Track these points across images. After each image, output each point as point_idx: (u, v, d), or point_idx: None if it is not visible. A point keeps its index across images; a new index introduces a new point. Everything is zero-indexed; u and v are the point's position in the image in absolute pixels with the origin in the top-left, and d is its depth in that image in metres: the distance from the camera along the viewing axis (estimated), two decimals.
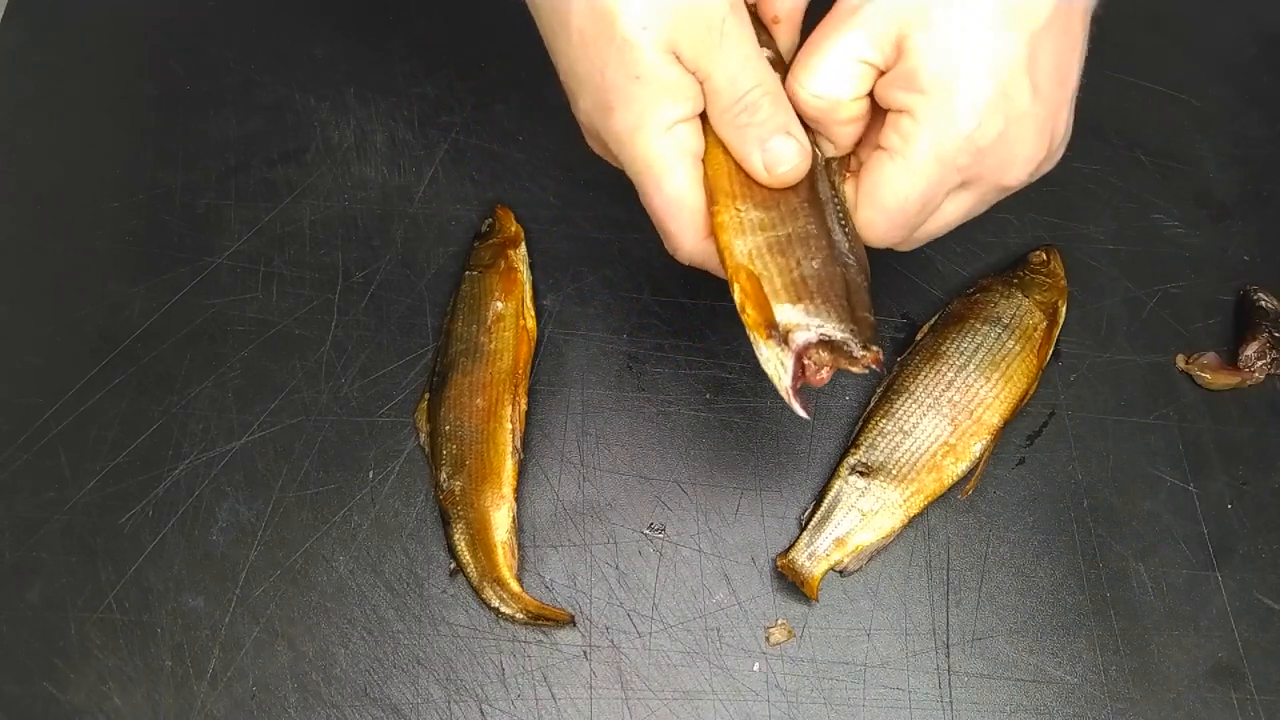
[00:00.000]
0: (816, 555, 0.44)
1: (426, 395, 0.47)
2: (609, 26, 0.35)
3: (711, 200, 0.37)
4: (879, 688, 0.43)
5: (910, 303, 0.50)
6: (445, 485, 0.45)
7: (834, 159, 0.39)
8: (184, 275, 0.51)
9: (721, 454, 0.47)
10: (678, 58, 0.36)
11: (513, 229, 0.51)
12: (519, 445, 0.45)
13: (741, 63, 0.36)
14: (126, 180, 0.53)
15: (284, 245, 0.51)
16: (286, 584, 0.44)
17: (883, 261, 0.52)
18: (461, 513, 0.44)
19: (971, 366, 0.46)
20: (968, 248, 0.51)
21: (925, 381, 0.46)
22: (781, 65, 0.39)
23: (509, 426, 0.45)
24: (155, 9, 0.58)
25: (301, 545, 0.45)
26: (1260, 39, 0.57)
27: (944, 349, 0.47)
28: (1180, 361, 0.49)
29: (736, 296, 0.37)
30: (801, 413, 0.36)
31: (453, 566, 0.44)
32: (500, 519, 0.44)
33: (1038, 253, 0.50)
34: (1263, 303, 0.49)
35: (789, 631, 0.44)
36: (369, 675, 0.43)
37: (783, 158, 0.37)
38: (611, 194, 0.53)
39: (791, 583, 0.44)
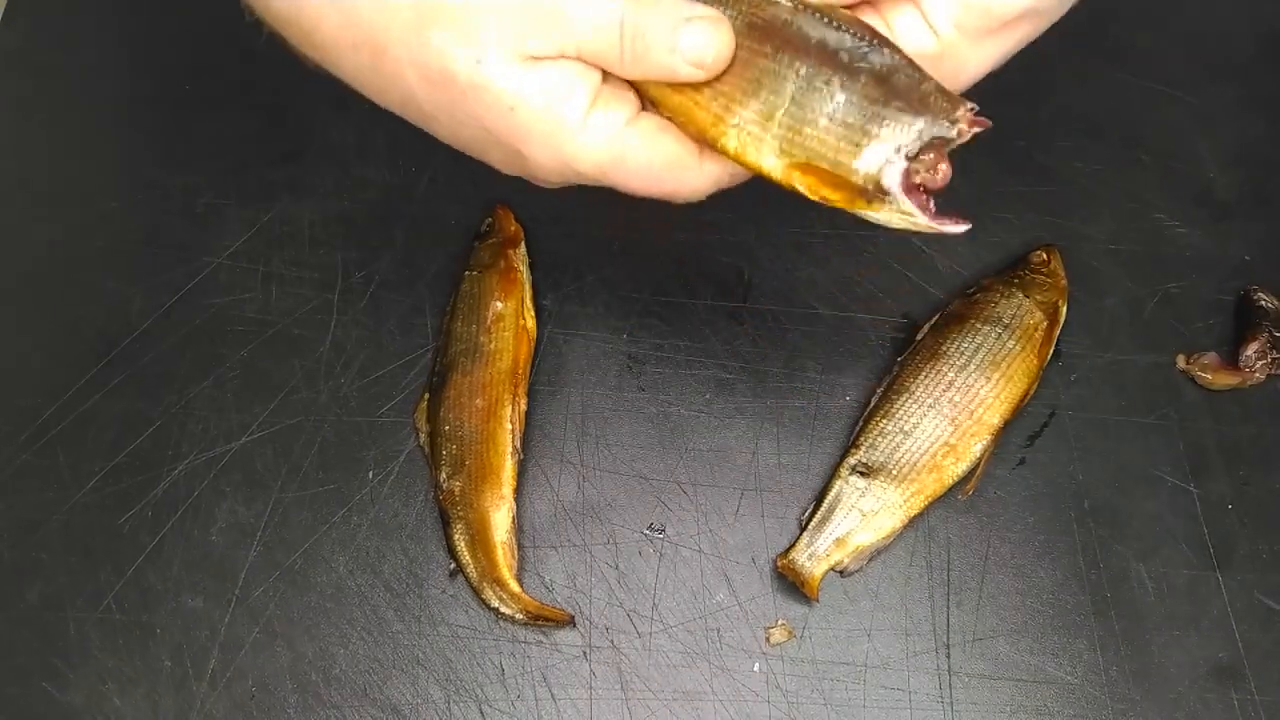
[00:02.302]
0: (817, 556, 0.44)
1: (426, 395, 0.47)
2: (452, 85, 0.33)
3: (705, 139, 0.34)
4: (879, 688, 0.43)
5: (910, 303, 0.50)
6: (445, 485, 0.45)
7: None
8: (183, 275, 0.50)
9: (722, 454, 0.47)
10: (535, 59, 0.33)
11: (512, 229, 0.51)
12: (519, 445, 0.45)
13: (593, 6, 0.32)
14: (125, 180, 0.53)
15: (283, 245, 0.51)
16: (286, 584, 0.44)
17: (883, 261, 0.52)
18: (461, 513, 0.44)
19: (972, 366, 0.46)
20: (968, 247, 0.51)
21: (926, 381, 0.46)
22: None
23: (509, 427, 0.45)
24: (155, 9, 0.58)
25: (301, 545, 0.45)
26: (1261, 38, 0.57)
27: (944, 349, 0.47)
28: (1181, 362, 0.49)
29: (809, 195, 0.33)
30: (960, 228, 0.32)
31: (452, 567, 0.44)
32: (500, 519, 0.44)
33: (1038, 253, 0.50)
34: (1263, 303, 0.49)
35: (789, 632, 0.44)
36: (368, 676, 0.43)
37: (702, 46, 0.32)
38: (611, 194, 0.53)
39: (792, 583, 0.44)
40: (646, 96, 0.34)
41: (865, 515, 0.44)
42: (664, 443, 0.47)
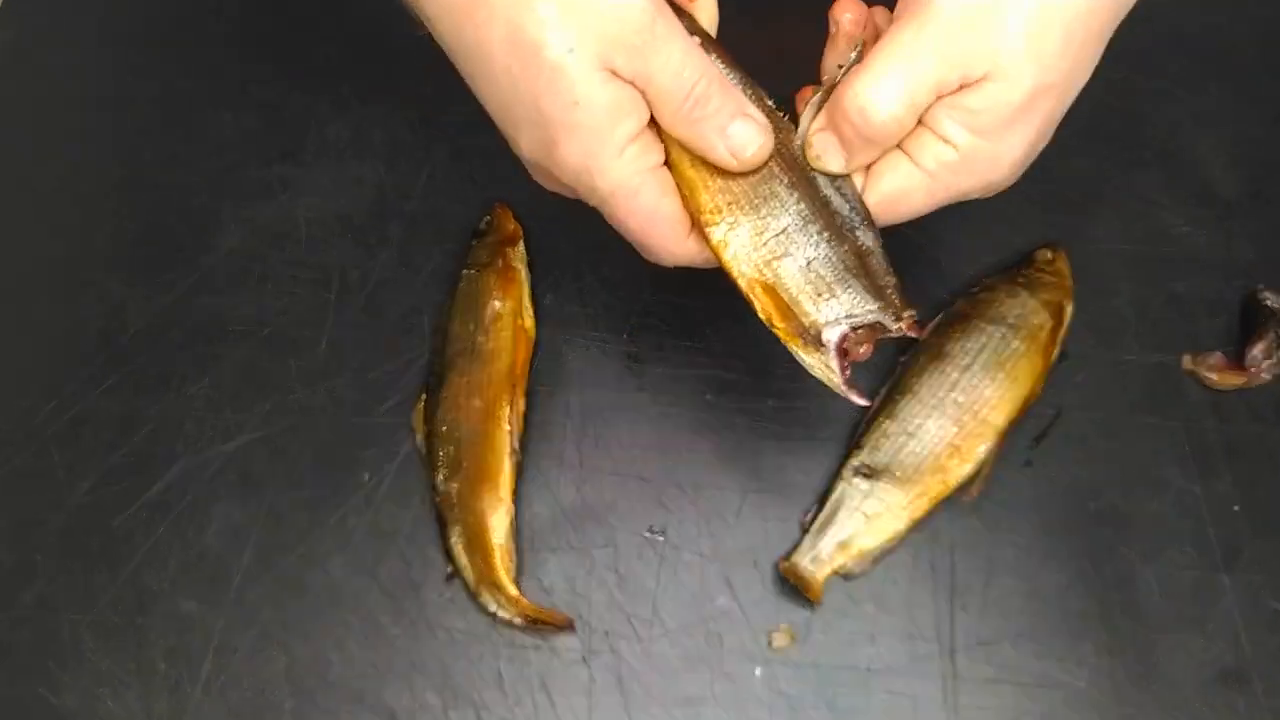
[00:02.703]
0: (820, 559, 0.44)
1: (423, 396, 0.47)
2: (535, 57, 0.34)
3: (697, 219, 0.37)
4: (883, 693, 0.42)
5: (915, 302, 0.50)
6: (442, 488, 0.45)
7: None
8: (180, 275, 0.50)
9: (723, 455, 0.47)
10: (614, 73, 0.34)
11: (511, 228, 0.50)
12: (517, 447, 0.45)
13: (681, 59, 0.35)
14: (122, 180, 0.53)
15: (280, 245, 0.51)
16: (281, 587, 0.44)
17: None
18: (458, 515, 0.44)
19: (976, 367, 0.46)
20: (973, 247, 0.51)
21: (930, 382, 0.46)
22: (711, 43, 0.38)
23: (506, 428, 0.45)
24: (154, 8, 0.58)
25: (296, 548, 0.45)
26: (1261, 38, 0.57)
27: (948, 349, 0.46)
28: (1187, 362, 0.48)
29: (759, 312, 0.37)
30: (862, 402, 0.37)
31: (449, 570, 0.44)
32: (498, 522, 0.44)
33: (1043, 252, 0.49)
34: (1269, 302, 0.49)
35: (791, 636, 0.43)
36: (364, 680, 0.42)
37: (747, 141, 0.36)
38: None
39: (794, 587, 0.44)
40: (668, 158, 0.37)
41: (869, 517, 0.44)
42: (664, 444, 0.47)
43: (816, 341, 0.36)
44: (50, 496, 0.46)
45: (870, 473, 0.45)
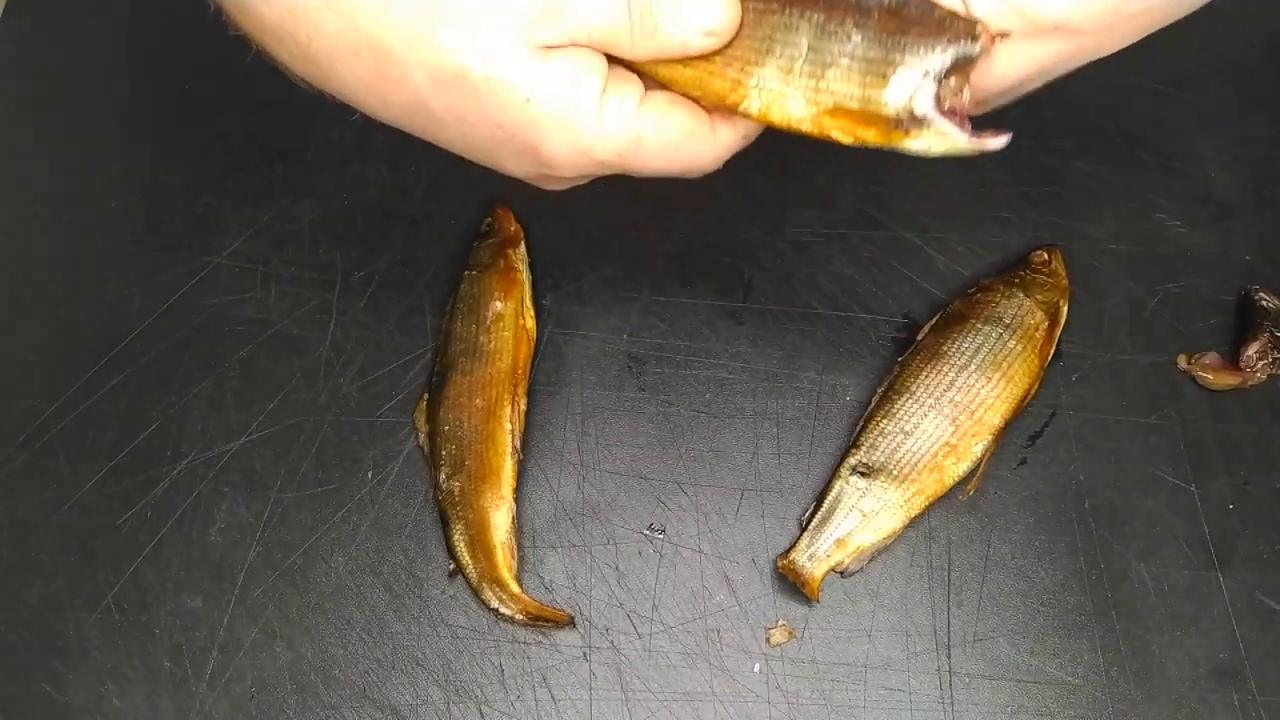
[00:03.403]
0: (817, 556, 0.44)
1: (425, 395, 0.47)
2: (464, 82, 0.32)
3: (723, 106, 0.33)
4: (880, 689, 0.42)
5: (911, 302, 0.50)
6: (444, 486, 0.45)
7: None
8: (182, 275, 0.50)
9: (722, 454, 0.47)
10: (545, 48, 0.32)
11: (512, 228, 0.50)
12: (518, 445, 0.45)
13: None
14: (124, 180, 0.53)
15: (283, 245, 0.51)
16: (285, 585, 0.44)
17: (883, 261, 0.52)
18: (461, 513, 0.44)
19: (973, 366, 0.46)
20: (969, 247, 0.51)
21: (926, 381, 0.46)
22: None
23: (508, 427, 0.45)
24: (154, 8, 0.58)
25: (300, 546, 0.45)
26: (1262, 39, 0.57)
27: (945, 349, 0.47)
28: (1182, 361, 0.48)
29: (846, 139, 0.33)
30: (999, 143, 0.32)
31: (452, 567, 0.44)
32: (499, 519, 0.44)
33: (1039, 252, 0.50)
34: (1264, 302, 0.49)
35: (789, 633, 0.43)
36: (368, 676, 0.43)
37: (711, 13, 0.32)
38: (611, 194, 0.53)
39: (792, 584, 0.44)
40: (655, 78, 0.34)
41: (866, 515, 0.44)
42: (664, 443, 0.47)
43: (916, 121, 0.32)
44: (54, 495, 0.46)
45: (867, 471, 0.45)
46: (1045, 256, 0.49)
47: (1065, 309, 0.48)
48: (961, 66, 0.32)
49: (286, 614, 0.44)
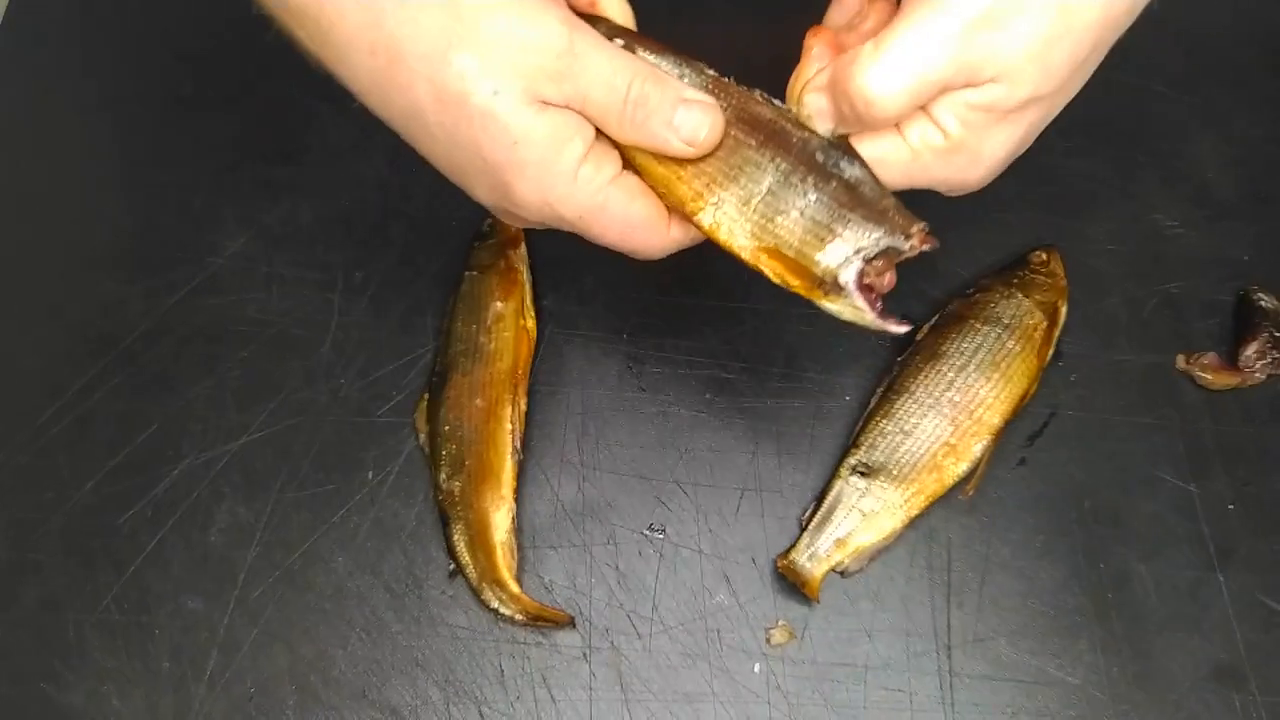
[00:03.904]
0: (817, 556, 0.44)
1: (426, 396, 0.47)
2: (464, 107, 0.34)
3: (681, 211, 0.37)
4: (880, 689, 0.42)
5: (910, 303, 0.50)
6: (444, 486, 0.45)
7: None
8: (183, 275, 0.50)
9: (722, 454, 0.47)
10: (545, 103, 0.34)
11: (512, 230, 0.51)
12: (518, 446, 0.45)
13: (608, 69, 0.34)
14: (125, 180, 0.53)
15: (283, 245, 0.51)
16: (285, 585, 0.44)
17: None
18: (461, 513, 0.44)
19: (972, 367, 0.46)
20: (968, 248, 0.51)
21: (926, 382, 0.46)
22: (634, 37, 0.37)
23: (508, 427, 0.45)
24: (154, 8, 0.58)
25: (300, 546, 0.45)
26: (1261, 38, 0.57)
27: (944, 349, 0.47)
28: (1181, 362, 0.48)
29: (772, 277, 0.36)
30: (903, 329, 0.35)
31: (452, 568, 0.44)
32: (500, 520, 0.44)
33: (1038, 253, 0.50)
34: (1262, 303, 0.49)
35: (789, 633, 0.43)
36: (367, 677, 0.43)
37: (696, 126, 0.35)
38: None
39: (792, 584, 0.44)
40: (633, 162, 0.37)
41: (866, 515, 0.44)
42: (664, 443, 0.47)
43: (837, 288, 0.35)
44: (54, 496, 0.46)
45: (867, 471, 0.45)
46: (1044, 257, 0.49)
47: (1064, 309, 0.48)
48: (890, 254, 0.35)
49: (286, 614, 0.44)
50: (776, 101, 0.37)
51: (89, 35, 0.57)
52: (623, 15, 0.38)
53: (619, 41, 0.36)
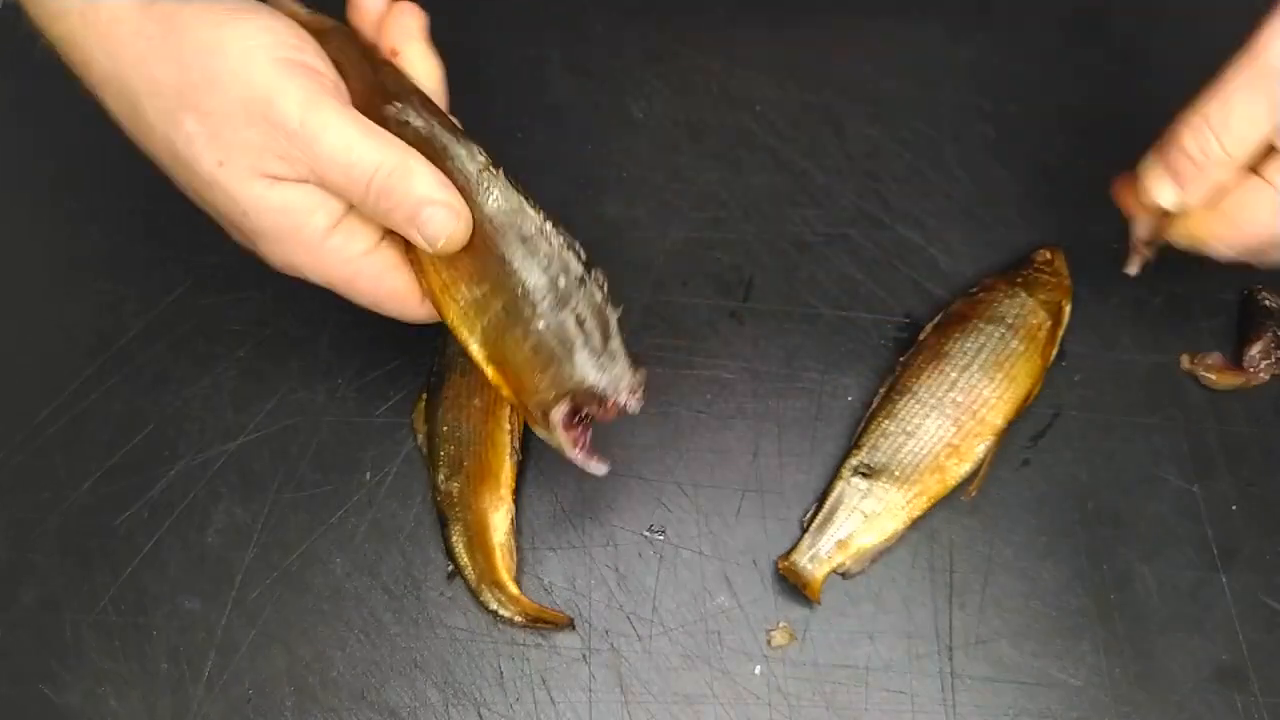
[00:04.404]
0: (818, 557, 0.44)
1: (424, 396, 0.47)
2: (194, 173, 0.34)
3: (431, 295, 0.37)
4: (881, 691, 0.42)
5: (913, 302, 0.50)
6: (443, 487, 0.45)
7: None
8: (179, 275, 0.50)
9: (722, 455, 0.47)
10: (275, 178, 0.34)
11: None
12: (517, 446, 0.45)
13: (345, 156, 0.33)
14: (122, 180, 0.53)
15: None
16: (283, 586, 0.44)
17: (885, 261, 0.52)
18: (459, 514, 0.44)
19: (975, 366, 0.46)
20: (971, 247, 0.51)
21: (928, 382, 0.46)
22: (409, 94, 0.36)
23: (507, 427, 0.45)
24: None
25: (298, 547, 0.45)
26: None
27: (947, 349, 0.46)
28: (1185, 362, 0.48)
29: (499, 389, 0.37)
30: (601, 470, 0.37)
31: (450, 569, 0.44)
32: (498, 521, 0.44)
33: (1042, 252, 0.49)
34: (1267, 303, 0.49)
35: (790, 634, 0.43)
36: (366, 678, 0.43)
37: (437, 230, 0.34)
38: (612, 194, 0.53)
39: (793, 585, 0.44)
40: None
41: (867, 516, 0.44)
42: (664, 443, 0.47)
43: (548, 421, 0.36)
44: (51, 496, 0.46)
45: (869, 472, 0.45)
46: (1048, 256, 0.49)
47: (1068, 309, 0.48)
48: (604, 402, 0.36)
49: (284, 616, 0.43)
50: (537, 213, 0.36)
51: None
52: (426, 73, 0.38)
53: (395, 106, 0.35)
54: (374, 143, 0.34)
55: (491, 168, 0.36)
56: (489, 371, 0.37)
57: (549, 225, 0.36)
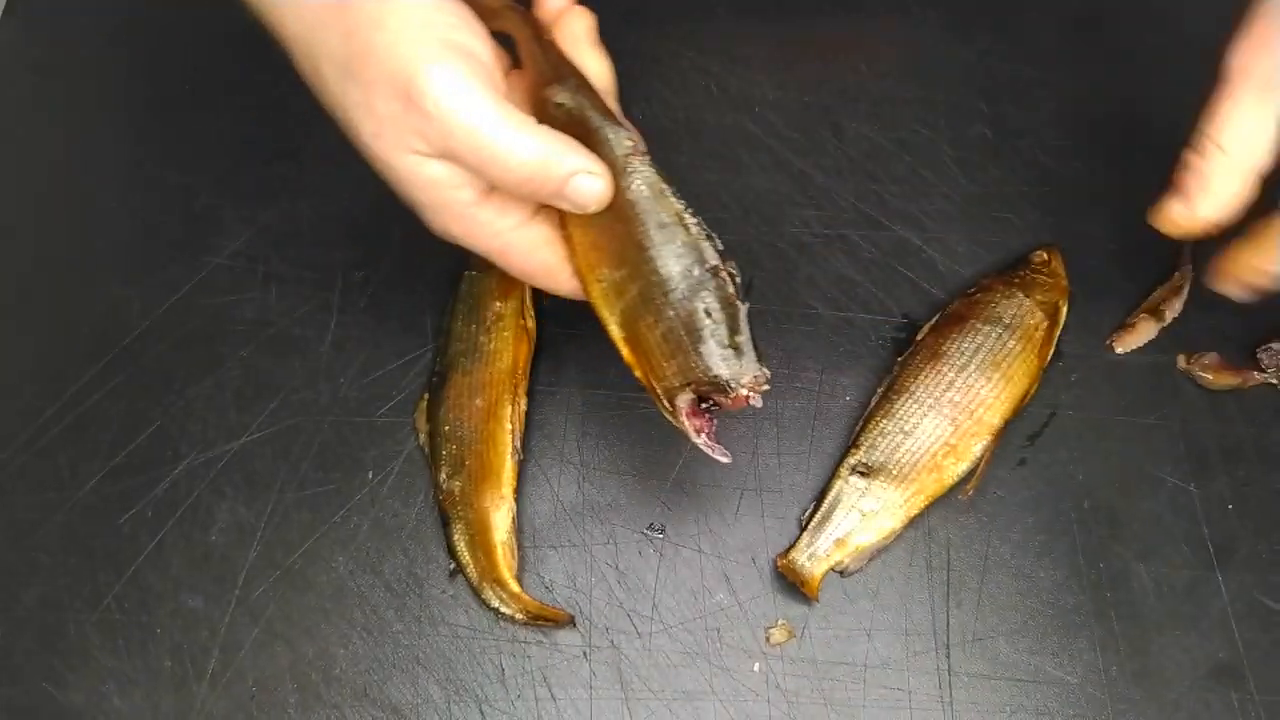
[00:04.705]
0: (817, 556, 0.44)
1: (426, 395, 0.47)
2: (358, 140, 0.36)
3: (579, 274, 0.38)
4: (879, 688, 0.43)
5: (911, 303, 0.50)
6: (445, 486, 0.45)
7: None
8: (182, 275, 0.50)
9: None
10: (420, 154, 0.34)
11: None
12: (518, 445, 0.45)
13: (479, 137, 0.33)
14: (124, 180, 0.53)
15: (283, 245, 0.51)
16: (286, 585, 0.44)
17: (883, 262, 0.52)
18: (461, 513, 0.44)
19: (972, 366, 0.46)
20: (969, 247, 0.51)
21: (926, 381, 0.46)
22: (573, 80, 0.37)
23: (508, 427, 0.45)
24: (154, 8, 0.58)
25: (301, 546, 0.45)
26: None
27: (945, 349, 0.47)
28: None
29: (633, 369, 0.38)
30: (724, 459, 0.37)
31: (452, 567, 0.44)
32: (500, 519, 0.44)
33: (1039, 252, 0.50)
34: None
35: (789, 632, 0.44)
36: (368, 676, 0.43)
37: (586, 197, 0.36)
38: None
39: (792, 583, 0.44)
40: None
41: (865, 515, 0.44)
42: (664, 443, 0.47)
43: (674, 408, 0.37)
44: (54, 495, 0.46)
45: (867, 471, 0.45)
46: (1045, 256, 0.49)
47: (1065, 309, 0.48)
48: (726, 392, 0.36)
49: (287, 614, 0.44)
50: (677, 201, 0.37)
51: (89, 35, 0.57)
52: (598, 73, 0.38)
53: (555, 87, 0.36)
54: (513, 130, 0.34)
55: (640, 154, 0.37)
56: (625, 352, 0.37)
57: (688, 214, 0.36)
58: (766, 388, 0.36)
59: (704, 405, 0.37)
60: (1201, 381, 0.48)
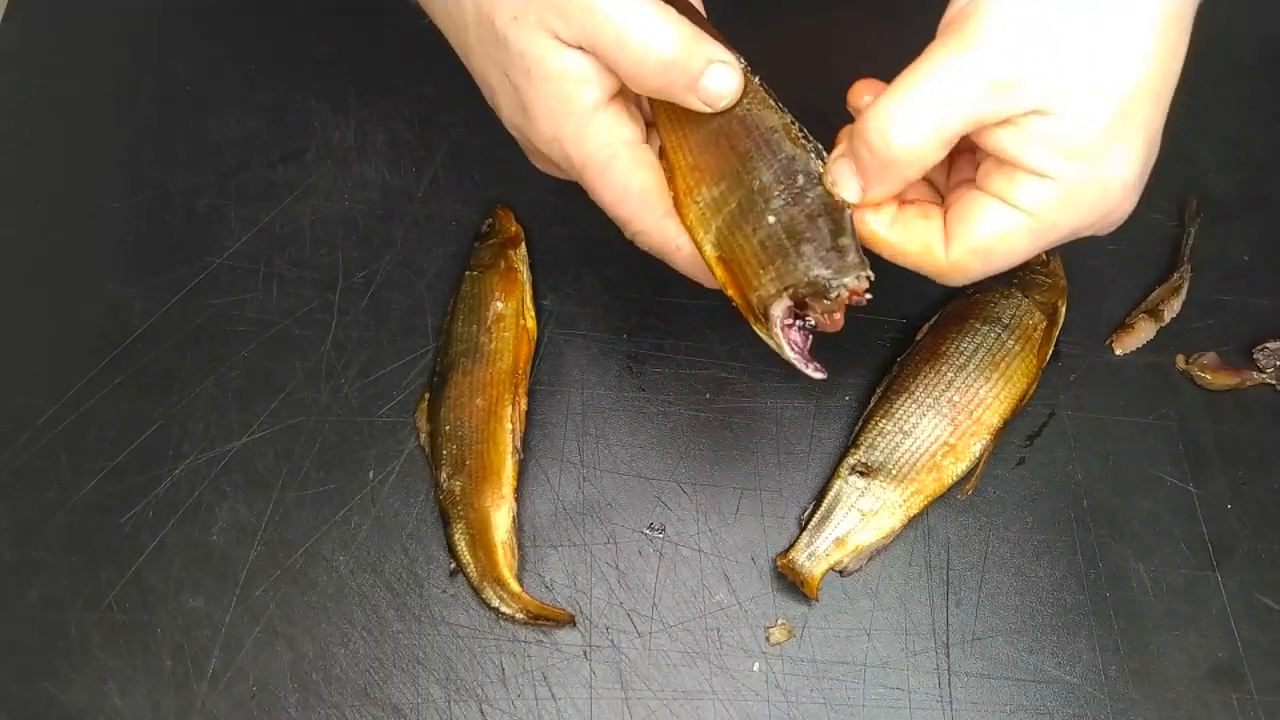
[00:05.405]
0: (816, 555, 0.44)
1: (426, 395, 0.47)
2: (490, 27, 0.35)
3: (677, 199, 0.36)
4: (879, 687, 0.43)
5: (909, 303, 0.50)
6: (445, 485, 0.45)
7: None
8: (184, 275, 0.51)
9: (721, 454, 0.47)
10: (560, 39, 0.34)
11: (513, 229, 0.51)
12: (519, 445, 0.45)
13: (625, 23, 0.33)
14: (126, 180, 0.53)
15: (284, 245, 0.51)
16: (287, 584, 0.44)
17: (883, 262, 0.52)
18: (461, 513, 0.44)
19: (971, 366, 0.46)
20: None
21: (925, 381, 0.46)
22: (681, 4, 0.36)
23: (509, 426, 0.45)
24: (155, 9, 0.58)
25: (302, 545, 0.45)
26: (1261, 40, 0.57)
27: (944, 349, 0.47)
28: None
29: (724, 288, 0.36)
30: (819, 375, 0.35)
31: (453, 566, 0.44)
32: (500, 519, 0.44)
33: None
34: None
35: (789, 631, 0.44)
36: (369, 675, 0.43)
37: (721, 88, 0.34)
38: None
39: (791, 583, 0.44)
40: (658, 136, 0.37)
41: (865, 515, 0.44)
42: (664, 443, 0.47)
43: (767, 318, 0.35)
44: (56, 495, 0.46)
45: (866, 471, 0.45)
46: (1044, 257, 0.50)
47: (1063, 309, 0.49)
48: (825, 296, 0.34)
49: (288, 613, 0.44)
50: (784, 113, 0.36)
51: (89, 35, 0.57)
52: None
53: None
54: (655, 15, 0.33)
55: (747, 70, 0.36)
56: (718, 272, 0.36)
57: (795, 126, 0.36)
58: (869, 296, 0.34)
59: (797, 322, 0.35)
60: (1200, 381, 0.48)
